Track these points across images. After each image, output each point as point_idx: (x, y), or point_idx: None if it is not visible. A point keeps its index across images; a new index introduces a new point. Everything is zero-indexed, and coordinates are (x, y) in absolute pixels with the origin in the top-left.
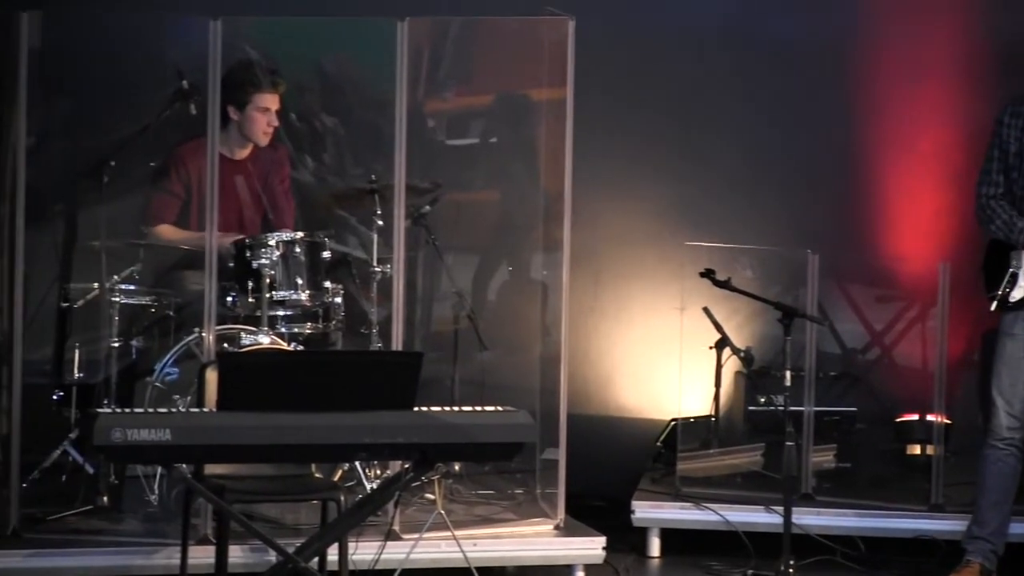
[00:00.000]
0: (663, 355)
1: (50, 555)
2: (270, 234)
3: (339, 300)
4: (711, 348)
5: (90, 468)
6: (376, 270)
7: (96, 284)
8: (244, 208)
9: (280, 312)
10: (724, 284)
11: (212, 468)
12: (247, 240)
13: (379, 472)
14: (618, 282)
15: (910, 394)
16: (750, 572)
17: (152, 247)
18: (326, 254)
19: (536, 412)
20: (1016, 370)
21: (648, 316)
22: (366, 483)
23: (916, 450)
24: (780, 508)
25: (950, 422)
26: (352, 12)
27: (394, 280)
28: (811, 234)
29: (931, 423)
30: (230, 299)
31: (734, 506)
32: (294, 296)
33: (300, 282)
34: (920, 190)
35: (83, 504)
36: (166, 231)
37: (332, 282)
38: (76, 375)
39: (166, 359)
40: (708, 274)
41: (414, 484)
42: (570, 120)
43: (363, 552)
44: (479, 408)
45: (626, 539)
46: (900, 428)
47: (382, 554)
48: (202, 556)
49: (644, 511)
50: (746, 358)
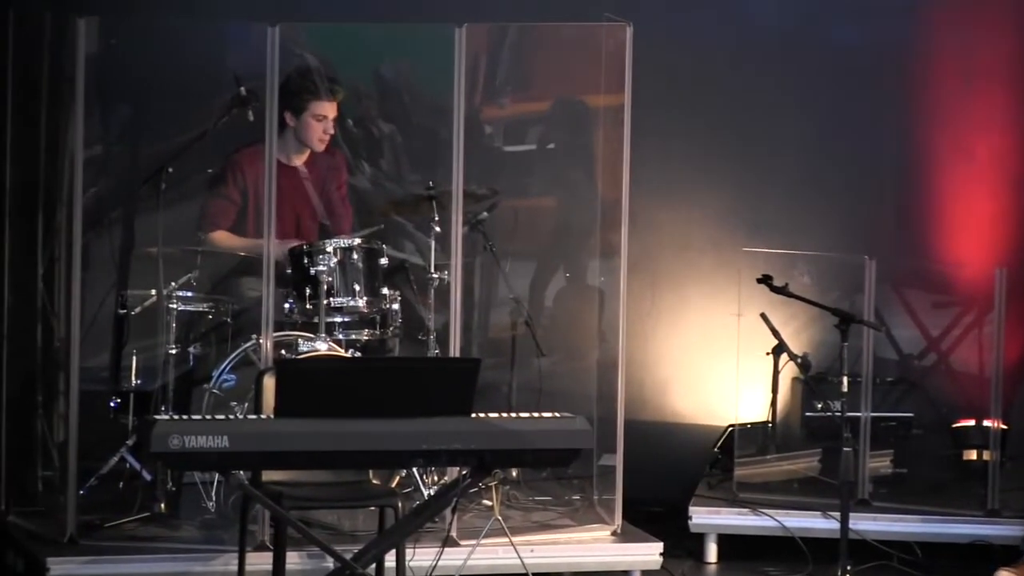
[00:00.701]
0: (720, 361)
1: (107, 562)
2: (328, 240)
3: (396, 307)
4: (768, 354)
5: (147, 475)
6: (434, 276)
7: (153, 291)
8: (301, 214)
9: (338, 319)
10: (781, 290)
11: (269, 475)
12: (304, 246)
13: (436, 478)
14: (675, 288)
15: (966, 400)
16: None
17: (209, 254)
18: (384, 260)
19: (593, 418)
20: None
21: (705, 322)
22: (424, 489)
23: (972, 455)
24: (837, 514)
25: (1006, 427)
26: (410, 19)
27: (452, 286)
28: (868, 240)
29: (987, 429)
30: (287, 305)
31: (791, 511)
32: (352, 302)
33: (358, 288)
34: (976, 196)
35: (140, 511)
36: (221, 237)
37: (390, 288)
38: (133, 382)
39: (223, 366)
40: (765, 280)
41: (471, 490)
42: (628, 126)
43: (420, 559)
44: (536, 414)
45: (683, 544)
46: (956, 434)
47: (439, 560)
48: (259, 563)
49: (701, 516)
50: (803, 364)
